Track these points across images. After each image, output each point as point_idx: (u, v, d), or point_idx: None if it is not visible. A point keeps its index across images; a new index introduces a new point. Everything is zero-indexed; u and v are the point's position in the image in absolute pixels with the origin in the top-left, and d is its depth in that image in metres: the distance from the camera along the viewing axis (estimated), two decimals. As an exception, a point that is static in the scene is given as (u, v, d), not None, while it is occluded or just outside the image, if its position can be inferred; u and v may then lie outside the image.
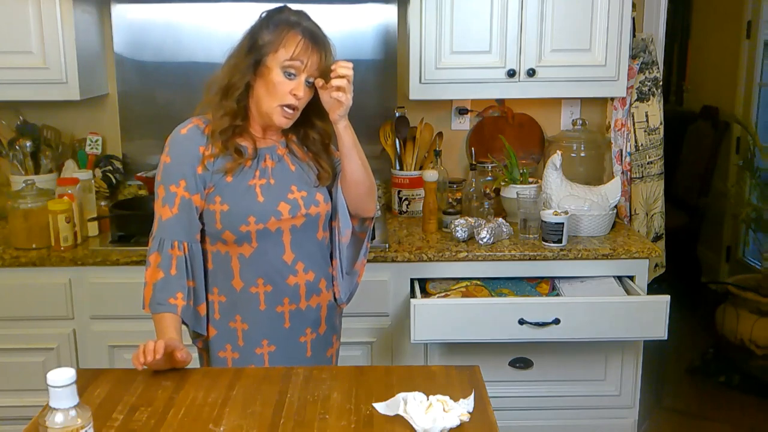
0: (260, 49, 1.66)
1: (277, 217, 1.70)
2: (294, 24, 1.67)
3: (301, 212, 1.73)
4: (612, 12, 2.59)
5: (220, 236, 1.70)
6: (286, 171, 1.76)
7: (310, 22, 1.70)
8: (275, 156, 1.76)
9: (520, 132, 2.99)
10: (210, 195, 1.69)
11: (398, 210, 2.91)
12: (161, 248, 1.68)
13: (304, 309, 1.78)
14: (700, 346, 3.74)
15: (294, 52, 1.64)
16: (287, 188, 1.73)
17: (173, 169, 1.69)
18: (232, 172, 1.69)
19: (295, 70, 1.65)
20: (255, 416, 1.36)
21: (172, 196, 1.68)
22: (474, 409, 1.37)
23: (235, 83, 1.68)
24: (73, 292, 2.45)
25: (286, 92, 1.66)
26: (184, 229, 1.69)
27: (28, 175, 2.70)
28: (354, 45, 2.88)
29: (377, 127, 2.94)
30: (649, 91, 2.83)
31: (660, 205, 2.90)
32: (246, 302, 1.74)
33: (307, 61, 1.65)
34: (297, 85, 1.66)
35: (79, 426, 1.12)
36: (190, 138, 1.70)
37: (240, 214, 1.68)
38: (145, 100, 2.90)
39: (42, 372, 2.39)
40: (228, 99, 1.69)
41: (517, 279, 2.51)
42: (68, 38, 2.54)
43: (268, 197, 1.70)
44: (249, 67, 1.67)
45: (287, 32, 1.65)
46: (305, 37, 1.65)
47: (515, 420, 2.50)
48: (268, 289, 1.74)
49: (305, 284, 1.77)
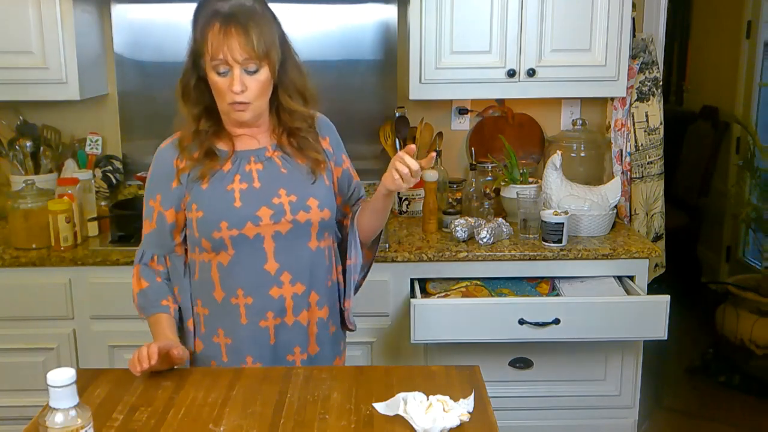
0: (194, 51, 1.59)
1: (255, 222, 1.60)
2: (212, 15, 1.53)
3: (286, 218, 1.61)
4: (612, 12, 2.59)
5: (200, 244, 1.64)
6: (275, 173, 1.65)
7: (233, 4, 1.53)
8: (262, 158, 1.66)
9: (520, 132, 2.99)
10: (188, 203, 1.63)
11: (398, 210, 2.91)
12: (142, 261, 1.71)
13: (291, 324, 1.66)
14: (700, 346, 3.74)
15: (211, 48, 1.52)
16: (274, 192, 1.62)
17: (152, 183, 1.68)
18: (206, 179, 1.61)
19: (223, 66, 1.54)
20: (255, 416, 1.36)
21: (151, 210, 1.68)
22: (474, 409, 1.37)
23: (186, 84, 1.62)
24: (73, 292, 2.45)
25: (226, 90, 1.55)
26: (161, 243, 1.69)
27: (28, 175, 2.70)
28: (354, 45, 2.88)
29: (377, 127, 2.94)
30: (649, 91, 2.82)
31: (660, 205, 2.90)
32: (227, 315, 1.65)
33: (228, 53, 1.51)
34: (232, 80, 1.54)
35: (79, 426, 1.12)
36: (166, 153, 1.67)
37: (212, 220, 1.60)
38: (145, 100, 2.90)
39: (42, 372, 2.39)
40: (187, 105, 1.63)
41: (517, 279, 2.51)
42: (68, 38, 2.54)
43: (247, 202, 1.60)
44: (192, 70, 1.61)
45: (207, 28, 1.53)
46: (221, 23, 1.51)
47: (515, 420, 2.50)
48: (249, 301, 1.63)
49: (292, 297, 1.64)
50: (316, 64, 2.86)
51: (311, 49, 2.86)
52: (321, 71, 2.87)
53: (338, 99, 2.91)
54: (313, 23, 2.86)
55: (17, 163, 2.74)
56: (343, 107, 2.92)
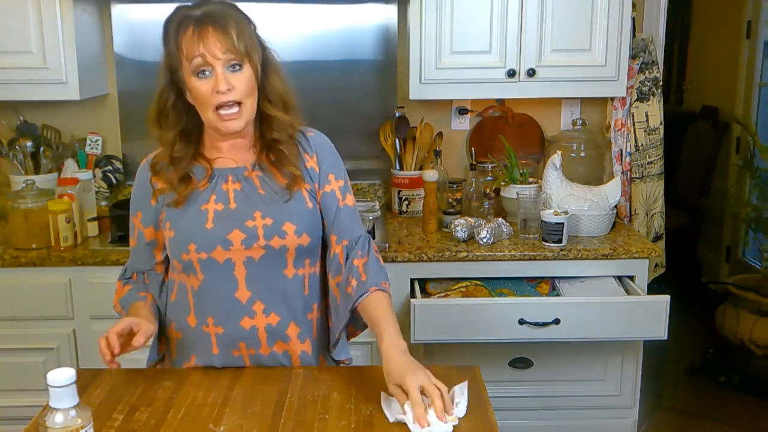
0: (170, 64, 1.48)
1: (225, 246, 1.49)
2: (183, 20, 1.45)
3: (258, 243, 1.49)
4: (612, 12, 2.59)
5: (173, 264, 1.57)
6: (252, 195, 1.53)
7: (205, 8, 1.45)
8: (240, 177, 1.55)
9: (520, 132, 2.99)
10: (163, 221, 1.56)
11: (398, 210, 2.91)
12: (123, 277, 1.68)
13: (266, 355, 1.55)
14: (700, 346, 3.74)
15: (187, 49, 1.43)
16: (249, 214, 1.51)
17: (133, 200, 1.64)
18: (178, 203, 1.53)
19: (204, 66, 1.43)
20: (255, 416, 1.36)
21: (133, 228, 1.64)
22: (474, 409, 1.37)
23: (163, 109, 1.52)
24: (73, 292, 2.45)
25: (209, 93, 1.44)
26: (143, 261, 1.64)
27: (28, 175, 2.70)
28: (354, 45, 2.88)
29: (377, 127, 2.94)
30: (649, 91, 2.82)
31: (660, 205, 2.90)
32: (200, 342, 1.56)
33: (206, 49, 1.41)
34: (215, 80, 1.43)
35: (79, 426, 1.12)
36: (145, 170, 1.60)
37: (182, 241, 1.51)
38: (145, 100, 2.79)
39: (42, 372, 2.39)
40: (162, 129, 1.54)
41: (517, 279, 2.51)
42: (68, 38, 2.54)
43: (219, 224, 1.50)
44: (169, 87, 1.51)
45: (181, 34, 1.44)
46: (194, 25, 1.43)
47: (515, 420, 2.50)
48: (219, 330, 1.53)
49: (266, 328, 1.53)
50: (317, 65, 2.87)
51: (311, 50, 2.86)
52: (321, 71, 2.88)
53: (338, 99, 2.91)
54: (313, 23, 2.86)
55: (17, 163, 2.74)
56: (343, 107, 2.92)
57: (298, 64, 2.82)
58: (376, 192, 3.02)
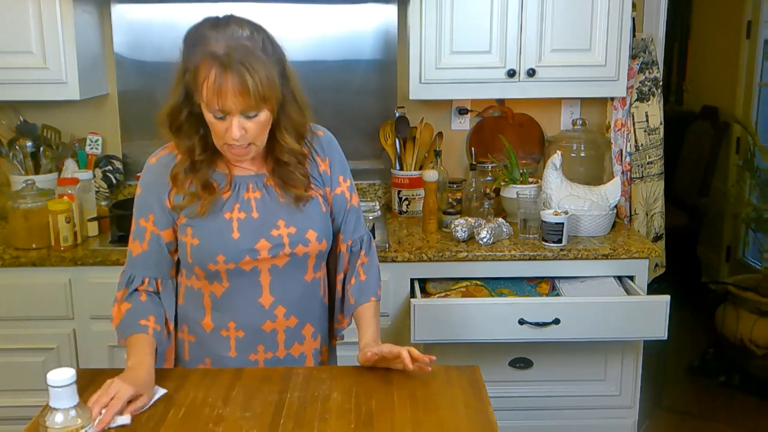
0: (188, 83, 1.45)
1: (252, 256, 1.51)
2: (207, 54, 1.40)
3: (284, 251, 1.53)
4: (612, 12, 2.59)
5: (192, 270, 1.55)
6: (274, 203, 1.55)
7: (230, 39, 1.41)
8: (260, 185, 1.56)
9: (520, 132, 2.99)
10: (182, 225, 1.54)
11: (398, 210, 2.91)
12: (129, 284, 1.58)
13: (282, 358, 1.60)
14: (700, 346, 3.74)
15: (206, 96, 1.40)
16: (272, 223, 1.53)
17: (142, 201, 1.57)
18: (204, 211, 1.51)
19: (221, 113, 1.42)
20: (255, 416, 1.36)
21: (142, 231, 1.57)
22: (474, 409, 1.37)
23: (176, 119, 1.49)
24: (73, 292, 2.45)
25: (223, 133, 1.44)
26: (155, 266, 1.58)
27: (28, 175, 2.70)
28: (354, 45, 2.88)
29: (377, 127, 2.94)
30: (649, 91, 2.83)
31: (660, 205, 2.90)
32: (216, 346, 1.58)
33: (222, 102, 1.39)
34: (229, 125, 1.42)
35: (79, 426, 1.12)
36: (159, 168, 1.55)
37: (209, 251, 1.50)
38: (145, 100, 2.90)
39: (42, 372, 2.39)
40: (178, 135, 1.50)
41: (517, 279, 2.51)
42: (68, 38, 2.54)
43: (245, 233, 1.51)
44: (183, 101, 1.48)
45: (200, 65, 1.40)
46: (214, 68, 1.38)
47: (515, 420, 2.50)
48: (240, 334, 1.56)
49: (284, 331, 1.58)
50: (317, 65, 2.87)
51: (311, 50, 2.86)
52: (321, 71, 2.88)
53: (338, 99, 2.91)
54: (314, 24, 2.86)
55: (17, 163, 2.74)
56: (343, 107, 2.92)
57: (298, 64, 2.75)
58: (376, 192, 3.02)
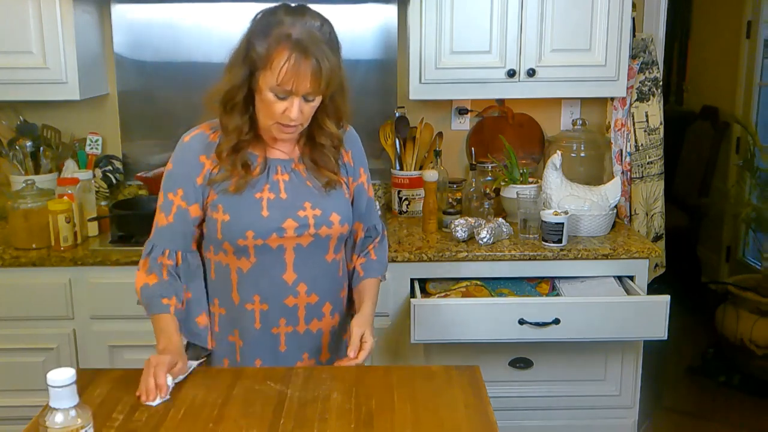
0: (253, 63, 1.53)
1: (279, 234, 1.61)
2: (284, 36, 1.49)
3: (309, 232, 1.63)
4: (612, 12, 2.59)
5: (221, 246, 1.63)
6: (301, 186, 1.66)
7: (304, 26, 1.50)
8: (288, 169, 1.66)
9: (520, 132, 2.99)
10: (213, 202, 1.62)
11: (398, 210, 2.91)
12: (151, 254, 1.65)
13: (302, 333, 1.69)
14: (700, 346, 3.74)
15: (280, 76, 1.49)
16: (300, 204, 1.64)
17: (173, 177, 1.64)
18: (238, 189, 1.60)
19: (286, 93, 1.52)
20: (255, 416, 1.36)
21: (169, 204, 1.63)
22: (474, 409, 1.37)
23: (233, 97, 1.57)
24: (73, 292, 2.45)
25: (280, 112, 1.54)
26: (178, 239, 1.65)
27: (28, 175, 2.70)
28: (354, 45, 2.88)
29: (377, 127, 2.94)
30: (649, 91, 2.83)
31: (660, 205, 2.90)
32: (242, 318, 1.67)
33: (296, 84, 1.50)
34: (290, 105, 1.53)
35: (79, 426, 1.12)
36: (192, 146, 1.63)
37: (239, 227, 1.60)
38: (145, 100, 2.90)
39: (42, 372, 2.38)
40: (231, 114, 1.58)
41: (517, 279, 2.51)
42: (68, 38, 2.54)
43: (274, 212, 1.61)
44: (244, 80, 1.55)
45: (276, 46, 1.49)
46: (294, 51, 1.48)
47: (515, 420, 2.50)
48: (264, 308, 1.66)
49: (305, 306, 1.68)
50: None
51: (311, 49, 2.86)
52: (321, 71, 2.88)
53: (338, 99, 2.91)
54: (313, 23, 2.86)
55: (17, 163, 2.74)
56: (343, 107, 2.92)
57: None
58: (376, 192, 3.02)
